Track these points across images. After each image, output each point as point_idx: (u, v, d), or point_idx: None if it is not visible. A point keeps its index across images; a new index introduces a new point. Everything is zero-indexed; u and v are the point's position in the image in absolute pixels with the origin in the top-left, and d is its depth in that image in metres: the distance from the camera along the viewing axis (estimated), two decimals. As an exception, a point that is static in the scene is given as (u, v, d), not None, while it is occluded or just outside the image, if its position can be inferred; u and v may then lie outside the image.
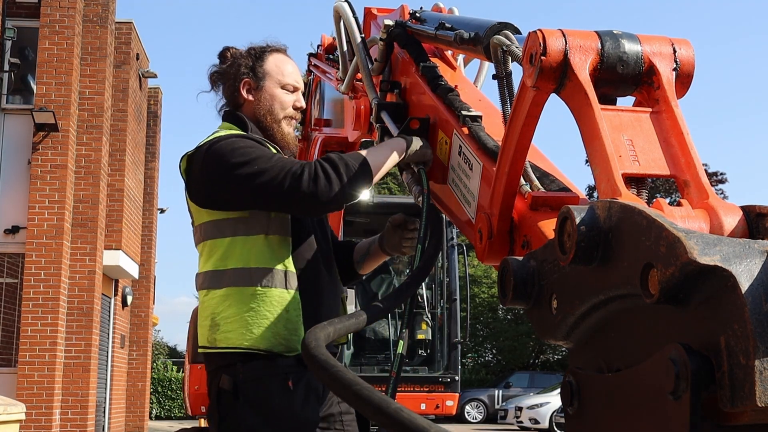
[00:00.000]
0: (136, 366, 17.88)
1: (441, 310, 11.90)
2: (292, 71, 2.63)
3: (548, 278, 1.37)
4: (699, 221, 1.34)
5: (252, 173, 2.29)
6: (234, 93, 2.59)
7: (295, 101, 2.60)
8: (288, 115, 2.58)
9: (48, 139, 12.19)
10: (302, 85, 2.66)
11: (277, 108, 2.57)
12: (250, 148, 2.36)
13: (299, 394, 2.35)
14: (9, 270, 12.16)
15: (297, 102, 2.60)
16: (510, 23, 2.01)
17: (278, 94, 2.57)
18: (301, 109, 2.62)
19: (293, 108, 2.59)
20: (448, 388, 11.49)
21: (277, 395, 2.33)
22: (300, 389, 2.35)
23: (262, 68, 2.58)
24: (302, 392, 2.35)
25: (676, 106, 1.53)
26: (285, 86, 2.59)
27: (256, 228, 2.38)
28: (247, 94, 2.57)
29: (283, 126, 2.57)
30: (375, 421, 1.31)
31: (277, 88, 2.58)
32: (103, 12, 13.63)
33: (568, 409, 1.31)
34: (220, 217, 2.41)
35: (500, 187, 1.77)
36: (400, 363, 2.17)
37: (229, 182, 2.33)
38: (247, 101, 2.58)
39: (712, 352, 1.03)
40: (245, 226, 2.38)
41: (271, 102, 2.56)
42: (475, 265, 27.66)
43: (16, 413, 5.56)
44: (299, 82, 2.64)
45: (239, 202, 2.38)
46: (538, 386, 26.35)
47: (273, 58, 2.62)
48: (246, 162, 2.31)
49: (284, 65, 2.62)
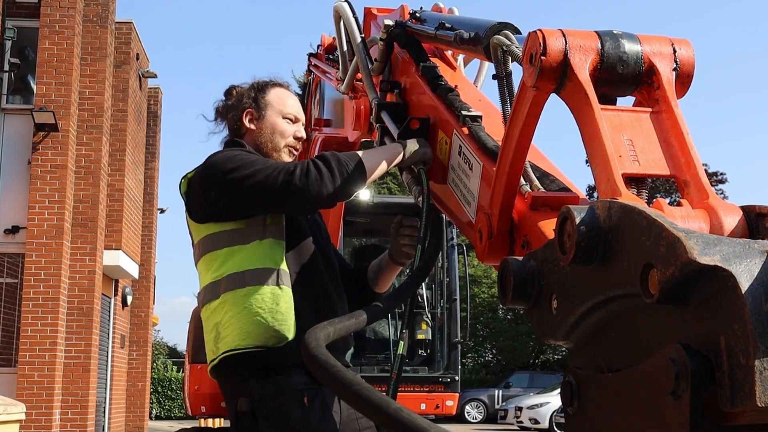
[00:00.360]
0: (136, 366, 17.88)
1: (441, 310, 11.89)
2: (293, 104, 2.69)
3: (548, 278, 1.36)
4: (699, 221, 1.34)
5: (246, 175, 2.35)
6: (237, 122, 2.65)
7: (296, 131, 2.65)
8: (288, 144, 2.63)
9: (48, 139, 12.18)
10: (303, 118, 2.71)
11: (278, 137, 2.62)
12: (245, 155, 2.44)
13: (316, 411, 2.38)
14: (9, 270, 12.16)
15: (297, 132, 2.65)
16: (510, 23, 2.01)
17: (279, 123, 2.63)
18: (301, 139, 2.67)
19: (294, 138, 2.64)
20: (448, 388, 11.48)
21: (293, 411, 2.37)
22: (316, 405, 2.38)
23: (264, 99, 2.65)
24: (319, 409, 2.39)
25: (676, 106, 1.53)
26: (286, 116, 2.64)
27: (251, 236, 2.43)
28: (249, 123, 2.63)
29: (283, 155, 2.62)
30: (375, 421, 1.32)
31: (278, 118, 2.63)
32: (103, 12, 13.63)
33: (568, 409, 1.31)
34: (217, 229, 2.46)
35: (500, 187, 1.77)
36: (401, 364, 2.17)
37: (226, 186, 2.39)
38: (249, 130, 2.64)
39: (712, 352, 1.03)
40: (241, 236, 2.43)
41: (272, 131, 2.62)
42: (475, 265, 27.64)
43: (16, 413, 5.56)
44: (300, 115, 2.69)
45: (236, 206, 2.42)
46: (538, 386, 26.34)
47: (275, 90, 2.69)
48: (240, 166, 2.38)
49: (286, 97, 2.68)
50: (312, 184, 2.28)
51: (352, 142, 3.57)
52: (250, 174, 2.34)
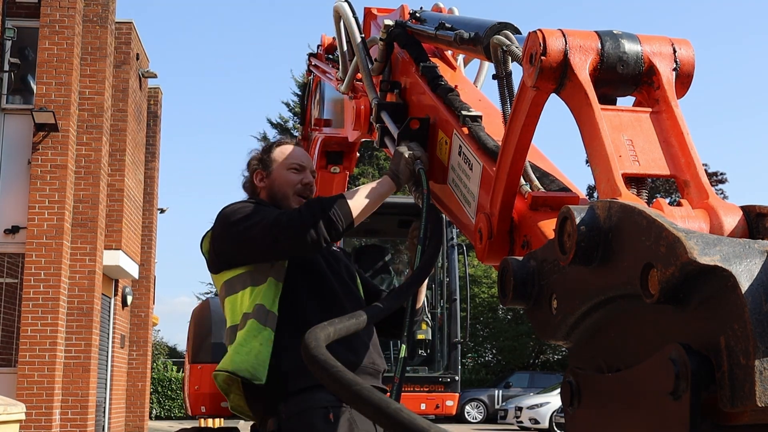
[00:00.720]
0: (136, 366, 17.88)
1: (441, 310, 11.89)
2: (297, 153, 2.88)
3: (548, 278, 1.36)
4: (699, 221, 1.34)
5: (246, 227, 2.57)
6: (251, 184, 2.91)
7: (302, 179, 2.84)
8: (296, 191, 2.82)
9: (48, 139, 12.18)
10: (310, 165, 2.89)
11: (286, 186, 2.82)
12: (248, 207, 2.65)
13: (342, 427, 2.45)
14: (9, 270, 12.16)
15: (304, 179, 2.84)
16: (510, 23, 2.01)
17: (285, 175, 2.84)
18: (308, 185, 2.84)
19: (301, 185, 2.83)
20: (448, 388, 11.48)
21: (318, 427, 2.46)
22: (343, 423, 2.46)
23: (270, 157, 2.88)
24: (345, 426, 2.46)
25: (676, 106, 1.53)
26: (291, 167, 2.84)
27: (260, 278, 2.61)
28: (260, 182, 2.88)
29: (292, 203, 2.79)
30: (375, 421, 1.32)
31: (283, 170, 2.84)
32: (103, 12, 13.62)
33: (568, 409, 1.31)
34: (231, 275, 2.66)
35: (500, 187, 1.77)
36: (403, 367, 2.18)
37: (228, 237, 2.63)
38: (261, 188, 2.88)
39: (712, 352, 1.03)
40: (251, 278, 2.62)
41: (280, 183, 2.84)
42: (475, 265, 27.64)
43: (16, 413, 5.56)
44: (305, 163, 2.88)
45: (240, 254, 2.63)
46: (538, 386, 26.34)
47: (279, 148, 2.90)
48: (241, 219, 2.60)
49: (289, 150, 2.89)
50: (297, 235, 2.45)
51: (352, 142, 3.57)
52: (249, 226, 2.56)
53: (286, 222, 2.47)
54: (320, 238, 2.44)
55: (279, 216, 2.51)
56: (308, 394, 2.46)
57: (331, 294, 2.67)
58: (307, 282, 2.65)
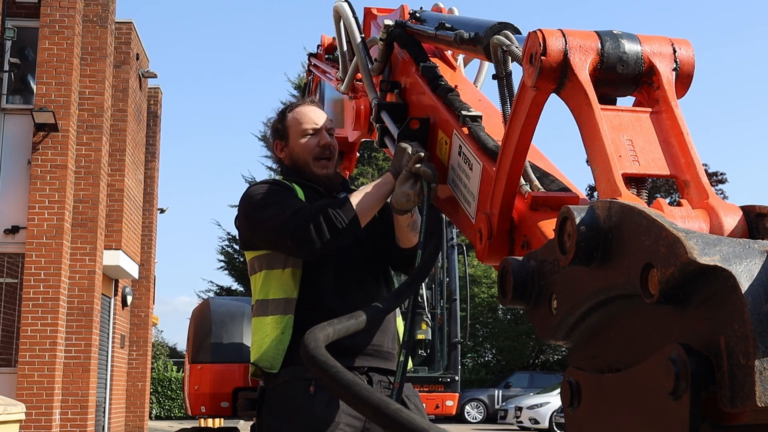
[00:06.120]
0: (136, 366, 17.88)
1: (441, 310, 11.90)
2: (310, 116, 2.89)
3: (548, 278, 1.36)
4: (699, 221, 1.34)
5: (263, 219, 2.64)
6: (276, 156, 2.98)
7: (319, 140, 2.86)
8: (315, 156, 2.85)
9: (48, 139, 12.19)
10: (326, 123, 2.91)
11: (304, 154, 2.86)
12: (267, 195, 2.71)
13: (320, 399, 2.52)
14: (9, 270, 12.16)
15: (321, 140, 2.86)
16: (510, 23, 2.01)
17: (301, 143, 2.87)
18: (326, 146, 2.86)
19: (319, 147, 2.85)
20: (448, 388, 11.49)
21: (298, 399, 2.55)
22: (323, 396, 2.52)
23: (284, 126, 2.91)
24: (324, 398, 2.52)
25: (676, 106, 1.53)
26: (305, 133, 2.86)
27: (276, 263, 2.69)
28: (281, 153, 2.94)
29: (313, 169, 2.85)
30: (374, 421, 1.31)
31: (299, 138, 2.87)
32: (103, 12, 13.62)
33: (568, 409, 1.30)
34: (253, 255, 2.78)
35: (500, 187, 1.77)
36: (404, 371, 2.18)
37: (247, 223, 2.75)
38: (284, 157, 2.94)
39: (712, 352, 1.03)
40: (267, 261, 2.72)
41: (298, 151, 2.88)
42: (475, 265, 27.64)
43: (16, 413, 5.56)
44: (319, 122, 2.88)
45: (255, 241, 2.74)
46: (538, 386, 26.34)
47: (291, 114, 2.92)
48: (260, 207, 2.67)
49: (300, 115, 2.90)
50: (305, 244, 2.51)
51: (352, 142, 3.57)
52: (262, 219, 2.64)
53: (293, 229, 2.52)
54: (328, 247, 2.52)
55: (287, 221, 2.55)
56: (296, 367, 2.54)
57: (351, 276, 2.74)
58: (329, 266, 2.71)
